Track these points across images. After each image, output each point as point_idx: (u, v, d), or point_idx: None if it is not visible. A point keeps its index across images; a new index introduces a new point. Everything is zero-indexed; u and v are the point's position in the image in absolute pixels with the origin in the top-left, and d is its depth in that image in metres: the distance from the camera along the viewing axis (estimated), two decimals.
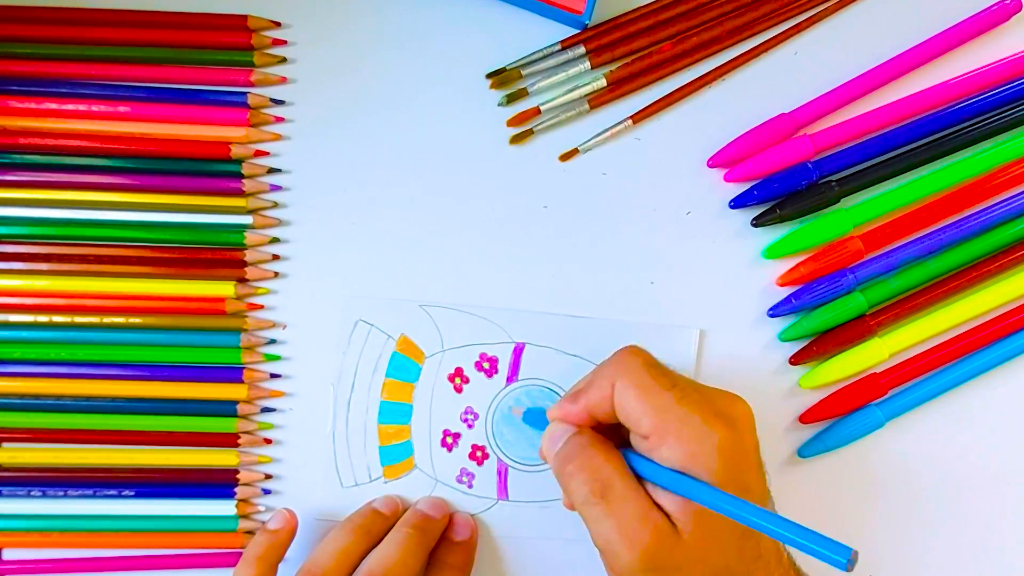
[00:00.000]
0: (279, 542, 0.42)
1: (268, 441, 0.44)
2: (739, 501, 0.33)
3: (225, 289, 0.43)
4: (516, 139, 0.44)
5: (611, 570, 0.36)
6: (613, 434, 0.38)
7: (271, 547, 0.41)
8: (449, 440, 0.44)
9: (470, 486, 0.44)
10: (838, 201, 0.44)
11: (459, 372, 0.44)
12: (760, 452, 0.38)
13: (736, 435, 0.35)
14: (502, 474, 0.44)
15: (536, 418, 0.43)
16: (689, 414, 0.35)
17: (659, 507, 0.35)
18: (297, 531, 0.42)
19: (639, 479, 0.36)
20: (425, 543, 0.41)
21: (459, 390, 0.44)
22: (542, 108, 0.44)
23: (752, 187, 0.44)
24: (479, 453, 0.44)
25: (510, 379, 0.44)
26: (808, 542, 0.30)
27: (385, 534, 0.41)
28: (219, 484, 0.44)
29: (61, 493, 0.44)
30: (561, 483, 0.38)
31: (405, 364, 0.44)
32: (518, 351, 0.44)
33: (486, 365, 0.44)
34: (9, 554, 0.44)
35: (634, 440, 0.37)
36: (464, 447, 0.44)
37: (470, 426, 0.44)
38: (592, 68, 0.44)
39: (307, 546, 0.42)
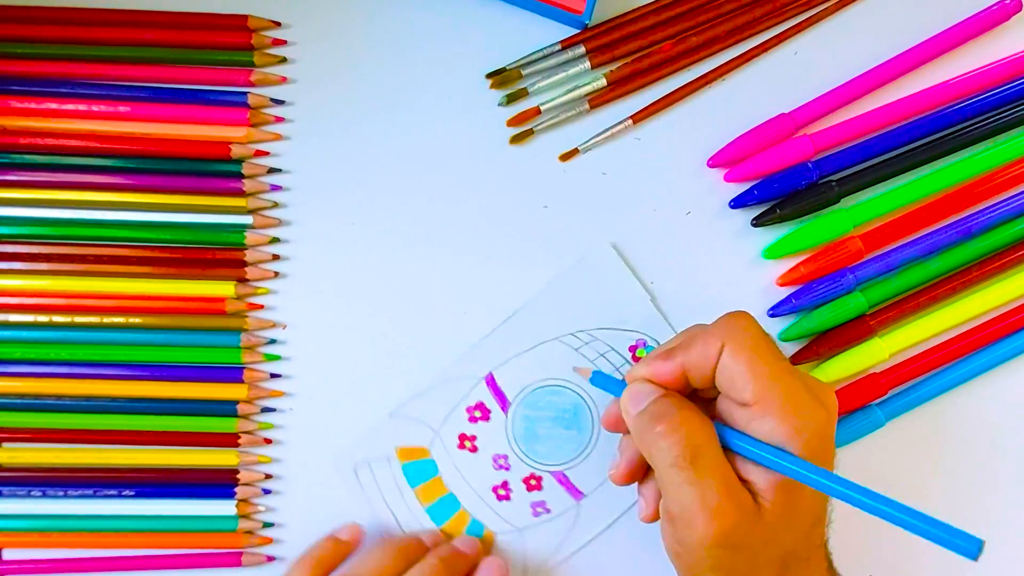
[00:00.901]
0: (341, 552, 0.42)
1: (268, 441, 0.44)
2: (841, 479, 0.32)
3: (225, 289, 0.43)
4: (516, 139, 0.44)
5: (678, 541, 0.35)
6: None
7: (333, 556, 0.42)
8: (503, 492, 0.44)
9: (548, 510, 0.44)
10: (838, 201, 0.44)
11: (463, 437, 0.44)
12: None
13: (828, 419, 0.35)
14: (564, 482, 0.44)
15: (607, 381, 0.41)
16: (798, 388, 0.34)
17: (744, 482, 0.35)
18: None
19: (727, 452, 0.35)
20: (454, 573, 0.41)
21: (474, 450, 0.44)
22: (542, 108, 0.44)
23: (752, 187, 0.44)
24: (533, 481, 0.44)
25: (504, 407, 0.44)
26: (936, 530, 0.30)
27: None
28: (219, 484, 0.44)
29: (61, 493, 0.44)
30: (645, 443, 0.36)
31: (420, 467, 0.44)
32: (491, 382, 0.44)
33: (477, 414, 0.44)
34: (9, 554, 0.44)
35: (725, 409, 0.36)
36: (518, 487, 0.44)
37: (508, 468, 0.44)
38: (592, 68, 0.44)
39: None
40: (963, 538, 0.28)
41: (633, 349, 0.44)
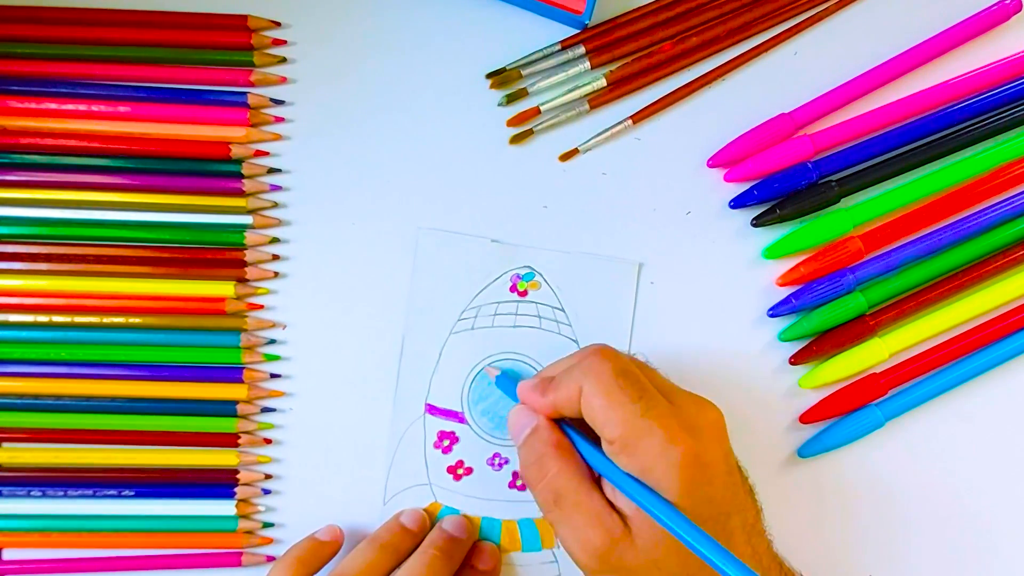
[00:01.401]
0: (323, 553, 0.42)
1: (268, 441, 0.44)
2: (678, 518, 0.33)
3: (225, 289, 0.43)
4: (516, 139, 0.44)
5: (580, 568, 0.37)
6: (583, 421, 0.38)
7: (314, 555, 0.42)
8: (520, 483, 0.44)
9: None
10: (838, 201, 0.44)
11: (452, 469, 0.44)
12: (731, 459, 0.37)
13: (700, 447, 0.35)
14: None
15: (508, 384, 0.42)
16: (652, 428, 0.35)
17: (616, 508, 0.36)
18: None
19: (598, 478, 0.37)
20: (449, 566, 0.42)
21: (470, 471, 0.44)
22: (542, 108, 0.44)
23: (752, 187, 0.44)
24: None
25: (460, 419, 0.44)
26: (726, 567, 0.31)
27: (411, 552, 0.42)
28: (219, 484, 0.44)
29: (61, 493, 0.44)
30: (523, 480, 0.39)
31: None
32: (432, 410, 0.44)
33: (446, 443, 0.44)
34: (9, 554, 0.44)
35: (602, 439, 0.37)
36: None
37: (507, 460, 0.44)
38: (592, 68, 0.44)
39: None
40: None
41: (514, 287, 0.44)
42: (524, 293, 0.44)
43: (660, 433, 0.35)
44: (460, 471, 0.44)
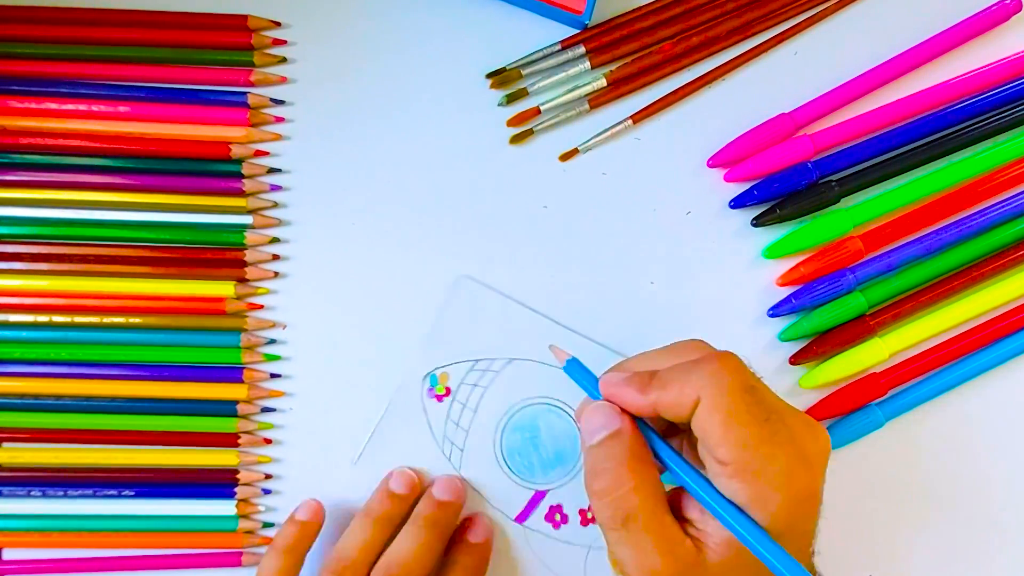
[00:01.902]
0: (307, 533, 0.42)
1: (268, 441, 0.44)
2: (791, 561, 0.31)
3: (225, 289, 0.43)
4: (516, 139, 0.44)
5: None
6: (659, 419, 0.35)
7: (299, 538, 0.41)
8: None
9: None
10: (838, 201, 0.44)
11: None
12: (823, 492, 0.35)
13: (811, 481, 0.33)
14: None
15: (582, 375, 0.37)
16: (775, 456, 0.32)
17: (693, 526, 0.33)
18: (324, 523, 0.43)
19: (678, 492, 0.34)
20: (440, 535, 0.41)
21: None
22: (542, 108, 0.44)
23: (752, 187, 0.44)
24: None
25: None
26: None
27: (405, 518, 0.41)
28: (219, 484, 0.44)
29: (61, 493, 0.44)
30: (586, 488, 0.35)
31: None
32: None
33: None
34: (9, 554, 0.44)
35: (701, 451, 0.33)
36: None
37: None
38: (592, 68, 0.44)
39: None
40: None
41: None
42: None
43: (782, 464, 0.32)
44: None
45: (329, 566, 0.40)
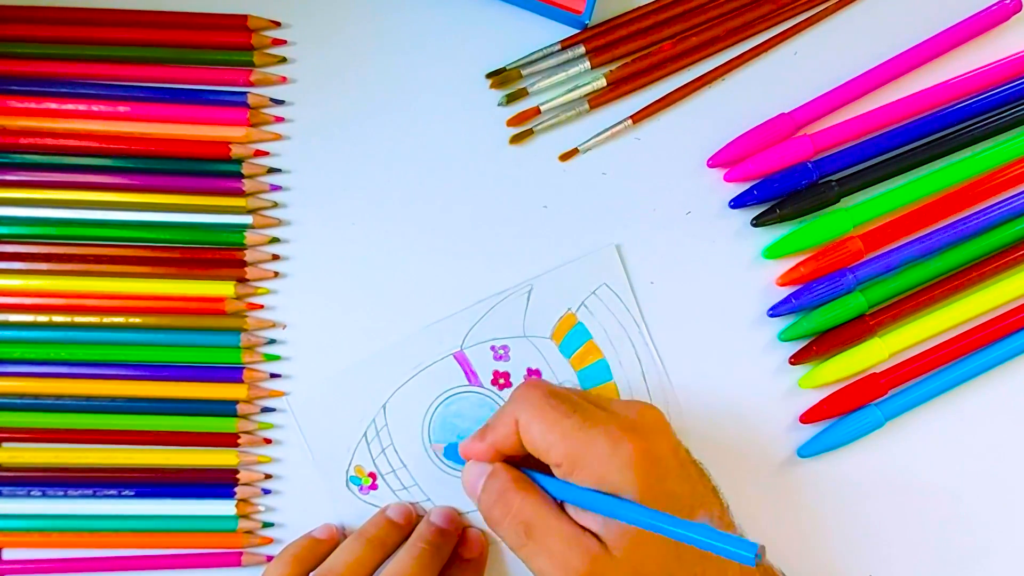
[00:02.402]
0: (319, 552, 0.42)
1: (268, 441, 0.44)
2: (641, 509, 0.33)
3: (225, 289, 0.43)
4: (516, 139, 0.44)
5: None
6: (533, 460, 0.38)
7: (311, 553, 0.42)
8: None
9: None
10: (838, 201, 0.44)
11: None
12: (681, 453, 0.38)
13: (647, 444, 0.36)
14: None
15: (454, 453, 0.43)
16: (595, 435, 0.35)
17: (587, 529, 0.36)
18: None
19: (561, 505, 0.37)
20: (438, 558, 0.41)
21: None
22: (542, 108, 0.44)
23: (752, 187, 0.44)
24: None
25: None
26: (715, 541, 0.30)
27: (398, 546, 0.42)
28: (219, 484, 0.44)
29: (61, 493, 0.44)
30: (490, 526, 0.38)
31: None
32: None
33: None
34: (9, 554, 0.44)
35: (552, 467, 0.37)
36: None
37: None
38: (592, 68, 0.44)
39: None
40: (742, 546, 0.30)
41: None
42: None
43: (603, 439, 0.35)
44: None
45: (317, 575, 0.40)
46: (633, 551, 0.35)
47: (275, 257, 0.44)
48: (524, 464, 0.39)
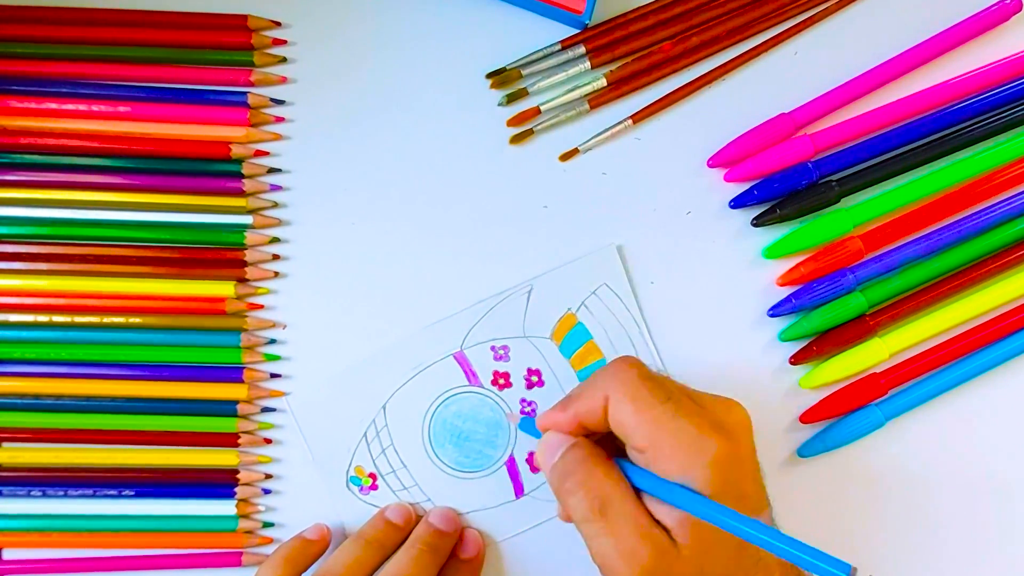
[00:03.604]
0: (310, 552, 0.42)
1: (268, 441, 0.44)
2: (734, 513, 0.32)
3: (225, 289, 0.43)
4: (516, 139, 0.44)
5: None
6: (608, 443, 0.38)
7: (302, 554, 0.42)
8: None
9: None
10: (838, 201, 0.44)
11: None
12: (756, 457, 0.37)
13: (732, 444, 0.35)
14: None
15: (531, 425, 0.42)
16: (684, 426, 0.35)
17: (658, 521, 0.35)
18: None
19: (637, 492, 0.36)
20: (436, 560, 0.42)
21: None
22: (542, 108, 0.44)
23: (752, 187, 0.44)
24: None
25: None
26: (805, 555, 0.30)
27: (397, 547, 0.42)
28: (219, 484, 0.44)
29: (61, 493, 0.44)
30: (559, 498, 0.37)
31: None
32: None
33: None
34: (9, 554, 0.44)
35: (630, 452, 0.37)
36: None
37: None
38: (592, 68, 0.44)
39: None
40: (834, 564, 0.29)
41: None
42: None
43: (692, 431, 0.35)
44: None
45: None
46: (700, 550, 0.35)
47: (275, 257, 0.44)
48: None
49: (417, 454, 0.44)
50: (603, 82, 0.44)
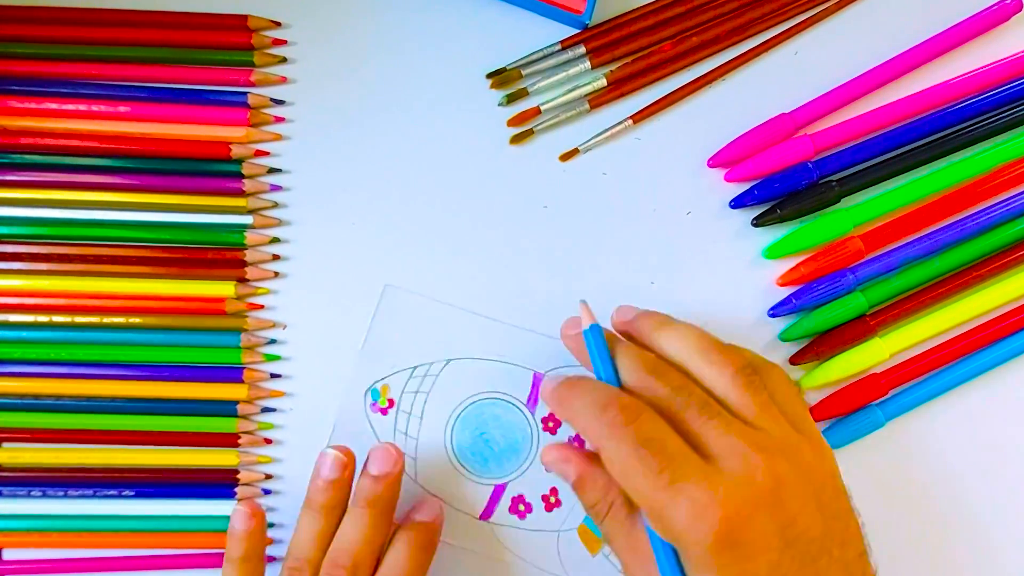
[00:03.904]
0: (255, 538, 0.41)
1: (268, 441, 0.44)
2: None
3: (225, 289, 0.43)
4: (516, 139, 0.44)
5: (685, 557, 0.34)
6: None
7: (250, 546, 0.41)
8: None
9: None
10: (838, 201, 0.44)
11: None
12: (797, 526, 0.34)
13: (737, 520, 0.33)
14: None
15: (598, 346, 0.38)
16: (677, 499, 0.33)
17: None
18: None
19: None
20: (384, 511, 0.40)
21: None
22: (542, 108, 0.44)
23: (752, 187, 0.44)
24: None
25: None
26: None
27: (347, 501, 0.41)
28: (219, 484, 0.44)
29: (61, 493, 0.44)
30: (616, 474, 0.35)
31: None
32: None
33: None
34: (9, 554, 0.44)
35: None
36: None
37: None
38: (592, 68, 0.44)
39: None
40: None
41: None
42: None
43: (685, 506, 0.32)
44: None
45: (287, 563, 0.40)
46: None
47: (275, 257, 0.44)
48: None
49: (439, 420, 0.44)
50: (603, 82, 0.44)
